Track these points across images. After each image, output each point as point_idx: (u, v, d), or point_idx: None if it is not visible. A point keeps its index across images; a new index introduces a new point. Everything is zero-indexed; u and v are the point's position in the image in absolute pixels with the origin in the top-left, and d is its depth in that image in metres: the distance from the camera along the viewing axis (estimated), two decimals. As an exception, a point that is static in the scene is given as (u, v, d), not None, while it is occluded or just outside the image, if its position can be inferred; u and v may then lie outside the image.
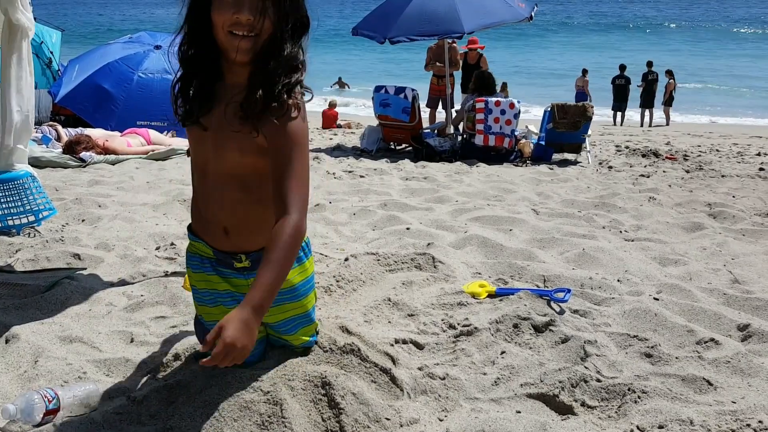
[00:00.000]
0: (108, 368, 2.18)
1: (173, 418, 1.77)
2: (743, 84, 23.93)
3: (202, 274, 1.93)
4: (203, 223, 1.89)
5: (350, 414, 1.76)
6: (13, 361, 2.18)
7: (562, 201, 5.20)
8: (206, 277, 1.92)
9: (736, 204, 5.03)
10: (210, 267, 1.91)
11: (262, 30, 1.65)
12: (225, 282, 1.92)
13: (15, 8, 3.52)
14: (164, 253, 3.47)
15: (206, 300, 1.94)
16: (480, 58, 9.99)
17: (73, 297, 2.78)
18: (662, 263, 3.42)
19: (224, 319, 1.50)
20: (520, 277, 3.08)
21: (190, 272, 1.97)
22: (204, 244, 1.89)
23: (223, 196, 1.81)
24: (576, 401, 2.00)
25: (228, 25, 1.64)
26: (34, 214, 3.89)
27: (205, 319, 1.98)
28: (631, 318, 2.58)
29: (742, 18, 46.37)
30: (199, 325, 2.06)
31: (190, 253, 1.97)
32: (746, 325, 2.49)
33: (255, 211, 1.81)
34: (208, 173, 1.82)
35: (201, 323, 2.03)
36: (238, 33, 1.64)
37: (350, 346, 1.99)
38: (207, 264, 1.92)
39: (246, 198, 1.80)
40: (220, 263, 1.90)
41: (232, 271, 1.89)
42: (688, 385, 2.06)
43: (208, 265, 1.91)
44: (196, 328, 2.11)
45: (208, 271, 1.92)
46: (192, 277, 1.97)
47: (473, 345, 2.31)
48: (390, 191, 5.58)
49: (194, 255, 1.95)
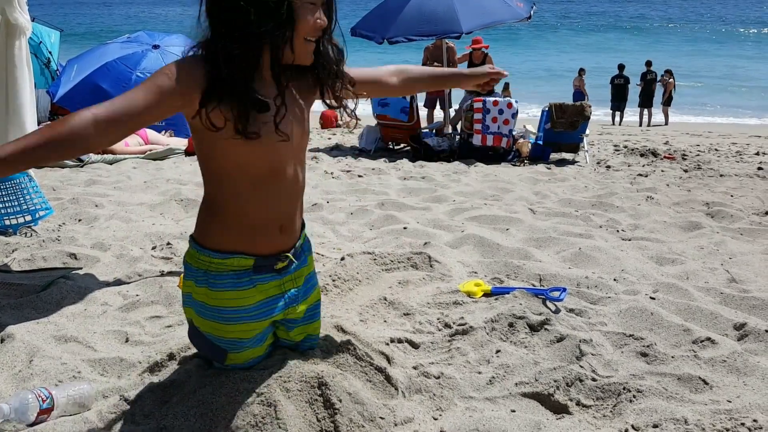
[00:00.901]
0: (102, 368, 2.18)
1: (167, 417, 1.76)
2: (742, 84, 23.94)
3: (233, 292, 1.78)
4: (248, 232, 1.77)
5: (345, 414, 1.76)
6: (7, 360, 2.18)
7: (559, 200, 5.19)
8: (239, 294, 1.78)
9: (734, 203, 5.03)
10: (247, 281, 1.78)
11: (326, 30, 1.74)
12: (257, 294, 1.80)
13: (12, 8, 3.52)
14: (160, 253, 3.47)
15: (233, 319, 1.79)
16: (485, 58, 9.92)
17: (68, 296, 2.77)
18: (659, 262, 3.42)
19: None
20: (516, 276, 3.08)
21: (213, 292, 1.77)
22: (241, 257, 1.76)
23: (292, 190, 1.83)
24: (571, 400, 2.00)
25: (310, 32, 1.67)
26: (30, 213, 3.89)
27: (223, 337, 1.81)
28: (627, 317, 2.58)
29: (742, 17, 46.41)
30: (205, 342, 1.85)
31: (214, 273, 1.77)
32: (743, 324, 2.49)
33: (302, 199, 1.92)
34: (280, 174, 1.76)
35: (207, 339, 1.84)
36: (311, 39, 1.69)
37: (346, 345, 1.99)
38: (244, 278, 1.78)
39: (302, 187, 1.88)
40: (259, 270, 1.79)
41: (269, 275, 1.81)
42: (683, 385, 2.06)
43: (246, 279, 1.78)
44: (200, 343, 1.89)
45: (244, 286, 1.78)
46: (216, 297, 1.78)
47: (468, 344, 2.31)
48: (388, 191, 5.58)
49: (225, 273, 1.77)
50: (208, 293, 1.78)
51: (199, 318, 1.82)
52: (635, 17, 48.46)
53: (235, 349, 1.83)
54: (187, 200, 4.78)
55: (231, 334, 1.81)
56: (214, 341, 1.82)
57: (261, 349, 1.89)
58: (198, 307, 1.81)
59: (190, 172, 6.30)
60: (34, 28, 3.78)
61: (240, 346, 1.83)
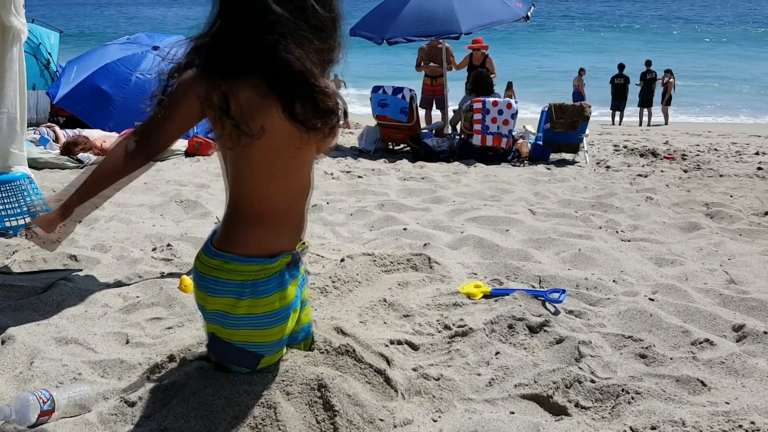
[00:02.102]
0: (103, 369, 2.18)
1: (168, 419, 1.77)
2: (743, 83, 23.94)
3: (280, 293, 1.79)
4: (292, 228, 1.83)
5: (344, 416, 1.76)
6: (8, 362, 2.19)
7: (559, 201, 5.20)
8: (286, 293, 1.80)
9: (734, 204, 5.04)
10: (288, 277, 1.82)
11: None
12: (294, 287, 1.85)
13: (7, 11, 3.52)
14: (161, 255, 3.47)
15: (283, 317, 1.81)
16: (485, 59, 9.87)
17: (69, 298, 2.78)
18: (658, 263, 3.42)
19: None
20: (515, 278, 3.08)
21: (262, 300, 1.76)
22: (284, 255, 1.79)
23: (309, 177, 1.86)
24: (570, 402, 2.00)
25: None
26: (30, 215, 3.89)
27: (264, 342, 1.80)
28: (626, 319, 2.58)
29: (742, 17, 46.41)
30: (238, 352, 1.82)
31: (265, 279, 1.75)
32: (741, 326, 2.50)
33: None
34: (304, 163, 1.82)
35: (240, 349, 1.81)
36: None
37: (345, 347, 2.00)
38: (286, 275, 1.81)
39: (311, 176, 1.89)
40: (292, 266, 1.84)
41: (296, 268, 1.87)
42: (681, 386, 2.06)
43: (287, 276, 1.81)
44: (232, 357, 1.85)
45: (287, 284, 1.81)
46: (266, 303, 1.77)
47: (468, 345, 2.32)
48: (388, 191, 5.58)
49: (273, 276, 1.77)
50: (254, 303, 1.75)
51: (231, 330, 1.78)
52: (636, 18, 48.46)
53: (272, 351, 1.84)
54: (188, 201, 4.78)
55: (272, 336, 1.80)
56: (250, 348, 1.81)
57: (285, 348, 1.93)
58: (233, 319, 1.76)
59: (190, 174, 6.30)
60: (33, 30, 3.80)
61: (278, 346, 1.85)
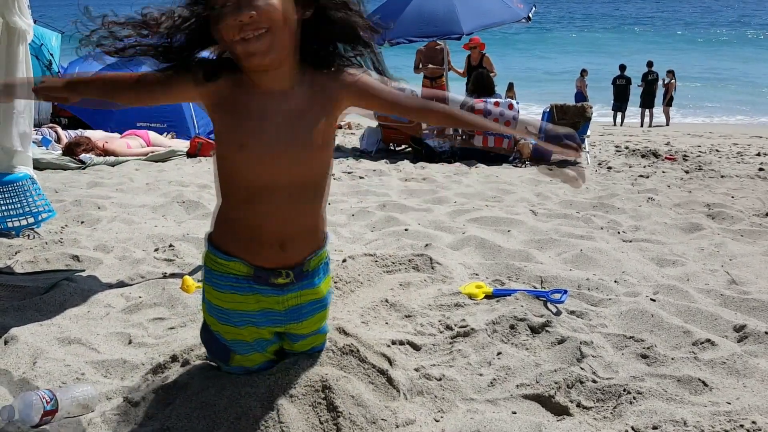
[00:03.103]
0: (106, 369, 2.19)
1: (170, 419, 1.78)
2: (744, 84, 23.93)
3: (233, 295, 1.78)
4: (247, 241, 1.75)
5: (347, 416, 1.77)
6: (11, 362, 2.19)
7: (560, 202, 5.20)
8: (238, 298, 1.78)
9: (735, 204, 5.04)
10: (247, 287, 1.77)
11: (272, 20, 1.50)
12: (255, 303, 1.79)
13: (12, 12, 3.53)
14: (163, 255, 3.48)
15: (234, 321, 1.81)
16: (482, 58, 9.86)
17: (71, 299, 2.78)
18: (660, 264, 3.42)
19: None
20: (517, 278, 3.09)
21: (215, 292, 1.80)
22: (241, 262, 1.75)
23: (291, 210, 1.72)
24: (572, 402, 2.01)
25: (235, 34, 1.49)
26: (33, 216, 3.91)
27: (226, 338, 1.84)
28: (628, 319, 2.58)
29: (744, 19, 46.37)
30: (213, 340, 1.88)
31: (217, 273, 1.78)
32: (743, 326, 2.50)
33: (315, 219, 1.79)
34: (275, 191, 1.69)
35: (215, 337, 1.87)
36: (247, 37, 1.50)
37: (349, 347, 2.00)
38: (243, 283, 1.76)
39: (312, 207, 1.76)
40: (258, 280, 1.76)
41: (269, 288, 1.77)
42: (683, 386, 2.07)
43: (245, 285, 1.77)
44: (208, 340, 1.92)
45: (244, 291, 1.77)
46: (218, 297, 1.80)
47: (470, 346, 2.32)
48: (389, 192, 5.58)
49: (225, 275, 1.77)
50: (211, 291, 1.81)
51: (208, 315, 1.86)
52: (637, 18, 48.42)
53: (240, 351, 1.85)
54: (189, 202, 4.79)
55: (231, 335, 1.83)
56: (222, 340, 1.85)
57: (265, 356, 1.90)
58: (206, 303, 1.85)
59: (192, 174, 6.31)
60: (35, 31, 3.79)
61: (243, 349, 1.85)
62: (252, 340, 1.85)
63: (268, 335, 1.86)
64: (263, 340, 1.86)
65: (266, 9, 1.48)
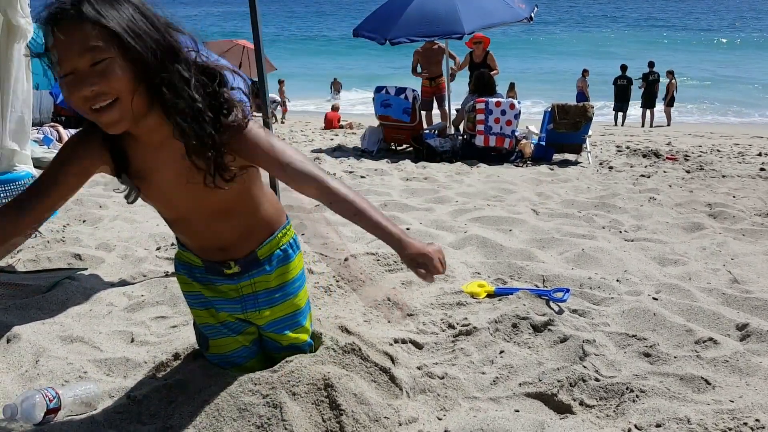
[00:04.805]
0: (108, 368, 2.19)
1: (173, 417, 1.78)
2: (746, 84, 23.93)
3: (189, 280, 1.87)
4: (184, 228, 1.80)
5: (350, 414, 1.77)
6: (14, 360, 2.20)
7: (562, 201, 5.20)
8: (195, 284, 1.87)
9: (737, 204, 5.04)
10: (200, 276, 1.85)
11: (117, 90, 1.38)
12: (211, 290, 1.85)
13: (14, 10, 3.53)
14: (165, 254, 3.48)
15: (196, 303, 1.89)
16: (486, 56, 9.77)
17: (74, 297, 2.79)
18: (662, 263, 3.42)
19: (416, 253, 1.57)
20: (519, 277, 3.09)
21: (180, 277, 1.91)
22: (193, 254, 1.82)
23: (214, 229, 1.73)
24: (574, 400, 2.00)
25: (85, 105, 1.39)
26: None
27: (198, 322, 1.93)
28: (630, 317, 2.58)
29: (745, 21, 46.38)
30: (196, 327, 2.01)
31: (179, 260, 1.90)
32: (745, 325, 2.50)
33: (247, 223, 1.77)
34: (191, 220, 1.72)
35: (195, 324, 1.99)
36: (95, 107, 1.39)
37: (351, 346, 2.00)
38: (196, 273, 1.85)
39: (238, 221, 1.74)
40: (210, 271, 1.83)
41: (221, 278, 1.82)
42: (686, 385, 2.07)
43: (198, 275, 1.85)
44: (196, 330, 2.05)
45: (198, 280, 1.85)
46: (183, 281, 1.90)
47: (472, 344, 2.32)
48: (390, 191, 5.59)
49: (184, 263, 1.88)
50: (179, 278, 1.91)
51: (187, 305, 1.95)
52: (638, 18, 48.41)
53: (211, 335, 1.90)
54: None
55: (200, 318, 1.91)
56: (198, 326, 1.95)
57: (239, 340, 1.92)
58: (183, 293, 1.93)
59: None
60: (37, 30, 3.80)
61: (212, 332, 1.90)
62: (216, 323, 1.89)
63: (231, 319, 1.90)
64: (229, 323, 1.89)
65: (108, 81, 1.37)
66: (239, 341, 1.92)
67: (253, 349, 1.96)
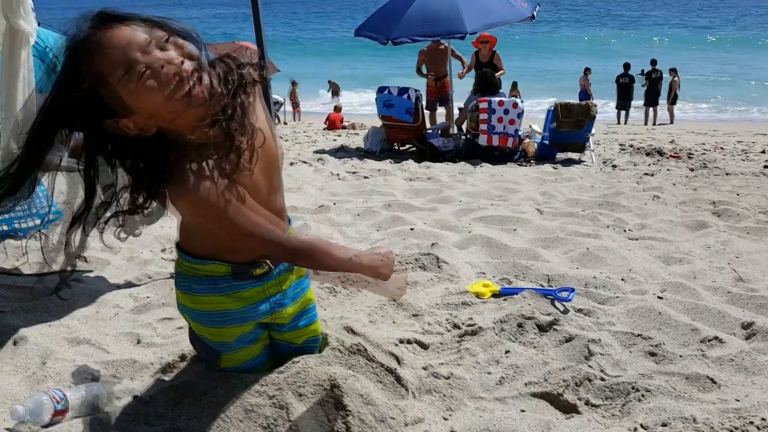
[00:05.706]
0: (115, 369, 2.20)
1: (180, 418, 1.78)
2: (748, 82, 23.88)
3: (213, 297, 1.78)
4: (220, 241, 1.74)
5: (356, 415, 1.77)
6: (21, 362, 2.20)
7: (566, 200, 5.20)
8: (218, 299, 1.79)
9: (741, 202, 5.03)
10: (226, 286, 1.78)
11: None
12: (237, 300, 1.80)
13: (16, 14, 3.54)
14: (170, 255, 3.49)
15: (217, 321, 1.82)
16: (493, 56, 9.72)
17: (80, 299, 2.80)
18: (666, 262, 3.42)
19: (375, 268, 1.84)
20: (524, 277, 3.09)
21: (195, 296, 1.80)
22: (216, 263, 1.75)
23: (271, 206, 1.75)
24: (580, 400, 2.01)
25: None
26: (40, 217, 3.92)
27: (211, 340, 1.86)
28: (635, 317, 2.58)
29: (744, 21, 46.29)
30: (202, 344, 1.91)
31: (195, 278, 1.79)
32: (750, 323, 2.50)
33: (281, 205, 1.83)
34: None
35: (202, 341, 1.89)
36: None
37: (357, 347, 2.01)
38: (222, 284, 1.78)
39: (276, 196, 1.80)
40: (238, 276, 1.78)
41: (249, 281, 1.79)
42: (691, 384, 2.07)
43: (224, 285, 1.78)
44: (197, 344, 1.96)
45: (223, 292, 1.78)
46: (199, 301, 1.80)
47: (478, 344, 2.32)
48: (394, 192, 5.59)
49: (203, 278, 1.78)
50: (192, 298, 1.80)
51: (193, 322, 1.87)
52: (639, 17, 48.33)
53: (226, 351, 1.87)
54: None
55: (216, 337, 1.85)
56: (209, 343, 1.87)
57: (253, 350, 1.91)
58: (188, 311, 1.84)
59: (197, 175, 6.31)
60: (40, 33, 3.80)
61: (228, 348, 1.87)
62: (234, 339, 1.86)
63: (250, 327, 1.87)
64: (245, 334, 1.87)
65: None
66: (252, 352, 1.91)
67: (265, 355, 1.95)
